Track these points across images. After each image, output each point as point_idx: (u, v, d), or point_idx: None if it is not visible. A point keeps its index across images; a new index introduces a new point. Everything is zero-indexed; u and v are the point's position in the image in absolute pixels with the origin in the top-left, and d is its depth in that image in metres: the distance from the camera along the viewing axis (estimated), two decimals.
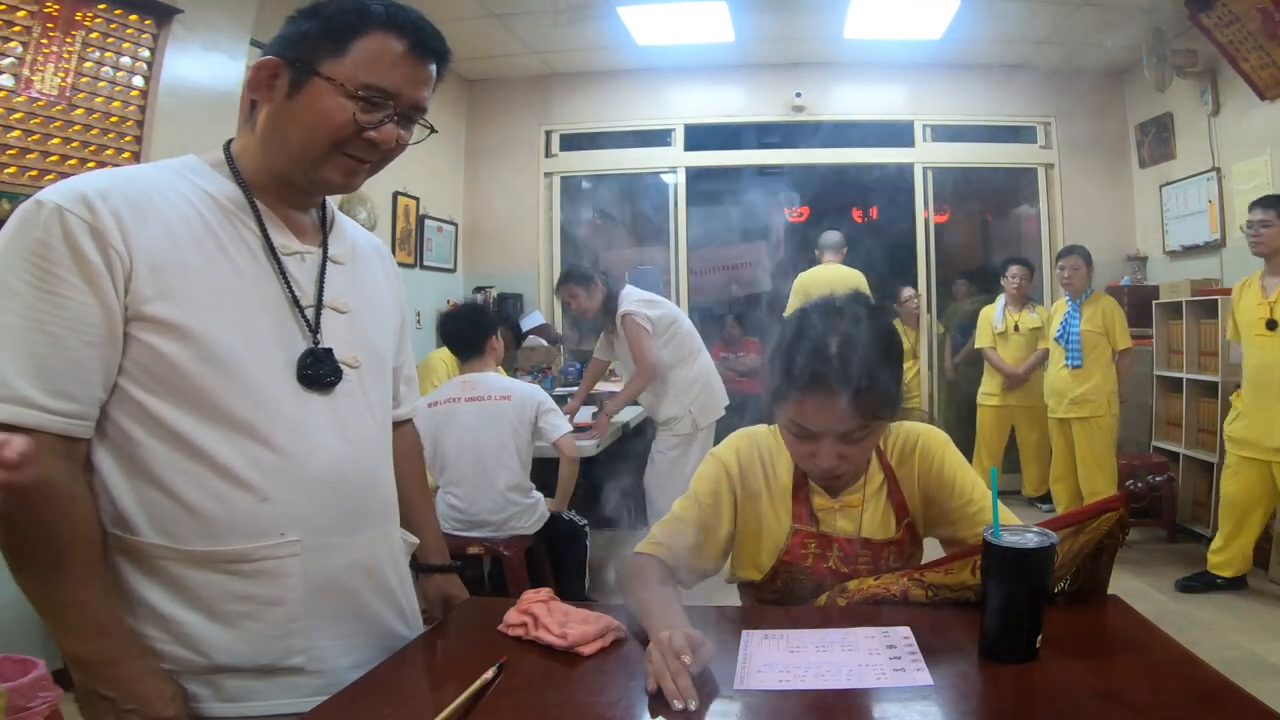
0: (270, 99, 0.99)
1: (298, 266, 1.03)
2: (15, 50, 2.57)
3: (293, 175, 1.01)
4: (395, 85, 0.98)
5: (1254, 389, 3.32)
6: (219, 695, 0.95)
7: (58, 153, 2.70)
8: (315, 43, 0.96)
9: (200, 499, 0.93)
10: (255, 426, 0.95)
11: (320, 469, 0.99)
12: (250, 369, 0.95)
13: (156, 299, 0.91)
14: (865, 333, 1.12)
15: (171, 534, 0.92)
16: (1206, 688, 0.87)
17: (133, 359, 0.92)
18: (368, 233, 1.24)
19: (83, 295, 0.88)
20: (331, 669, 1.01)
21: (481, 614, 1.18)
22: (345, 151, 0.99)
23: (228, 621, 0.94)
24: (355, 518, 1.05)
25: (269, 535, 0.95)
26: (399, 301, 1.23)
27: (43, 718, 1.77)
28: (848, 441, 1.15)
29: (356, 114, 0.96)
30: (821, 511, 1.27)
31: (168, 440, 0.92)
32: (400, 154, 1.04)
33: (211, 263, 0.95)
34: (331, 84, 0.95)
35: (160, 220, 0.93)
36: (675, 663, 0.88)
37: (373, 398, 1.10)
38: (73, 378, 0.88)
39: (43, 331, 0.86)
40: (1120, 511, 1.10)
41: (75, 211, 0.88)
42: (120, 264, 0.89)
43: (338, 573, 1.02)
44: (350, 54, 0.96)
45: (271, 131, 1.00)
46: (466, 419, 2.80)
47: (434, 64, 1.02)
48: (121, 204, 0.91)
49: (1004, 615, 0.95)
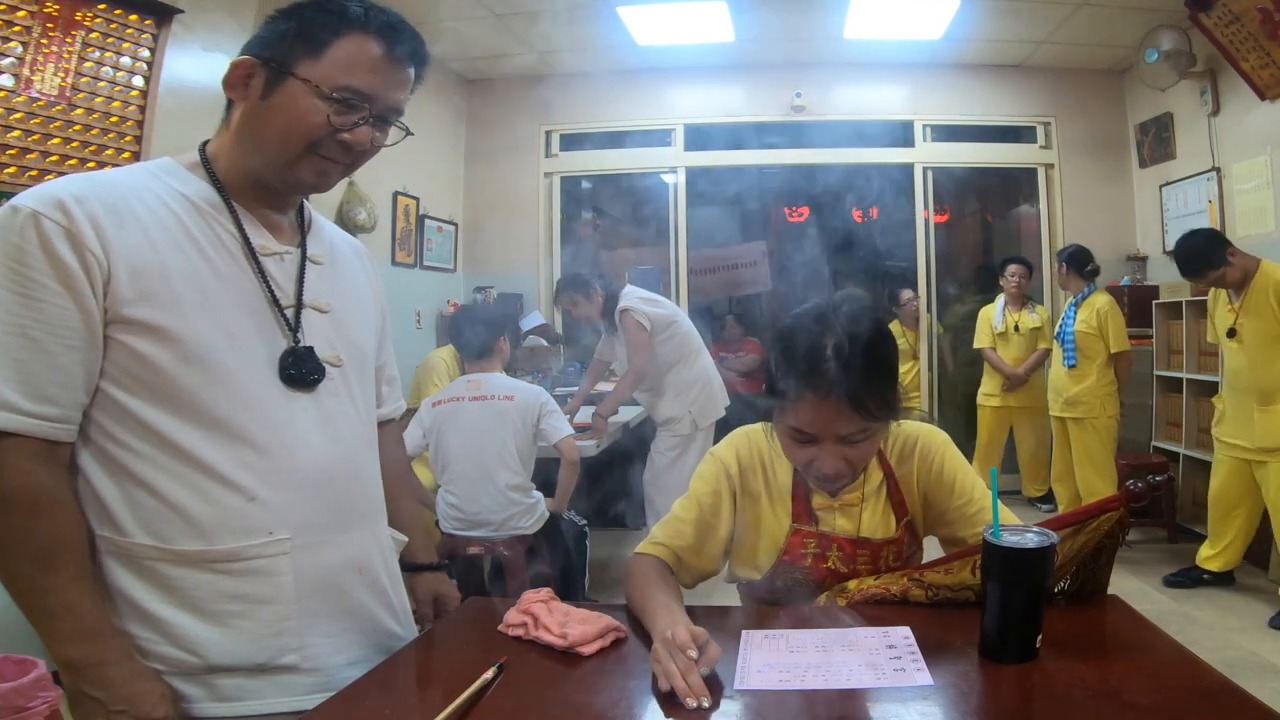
0: (246, 98, 0.99)
1: (277, 267, 1.03)
2: (15, 50, 2.57)
3: (266, 175, 1.01)
4: (371, 88, 0.98)
5: (1230, 391, 3.44)
6: (214, 695, 0.95)
7: (58, 153, 2.70)
8: (292, 43, 0.96)
9: (188, 499, 0.93)
10: (241, 426, 0.95)
11: (307, 467, 1.00)
12: (234, 370, 0.95)
13: (137, 302, 0.91)
14: (864, 332, 1.12)
15: (161, 535, 0.93)
16: (1206, 687, 0.87)
17: (114, 362, 0.92)
18: (346, 234, 1.24)
19: (61, 300, 0.88)
20: (325, 667, 1.01)
21: (481, 614, 1.18)
22: (319, 153, 0.99)
23: (220, 621, 0.94)
24: (344, 516, 1.05)
25: (258, 534, 0.96)
26: (379, 302, 1.24)
27: (43, 718, 1.77)
28: (848, 444, 1.15)
29: (331, 116, 0.96)
30: (821, 511, 1.27)
31: (153, 442, 0.92)
32: (374, 155, 1.04)
33: (191, 265, 0.95)
34: (307, 85, 0.96)
35: (137, 223, 0.93)
36: (684, 660, 0.89)
37: (357, 396, 1.10)
38: (54, 382, 0.88)
39: (23, 336, 0.87)
40: (1120, 511, 1.10)
41: (50, 216, 0.88)
42: (98, 268, 0.89)
43: (329, 571, 1.02)
44: (327, 56, 0.96)
45: (246, 131, 1.00)
46: (470, 418, 2.80)
47: (412, 67, 1.03)
48: (98, 208, 0.91)
49: (1004, 615, 0.95)
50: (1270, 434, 3.19)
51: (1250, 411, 3.27)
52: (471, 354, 3.01)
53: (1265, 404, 3.22)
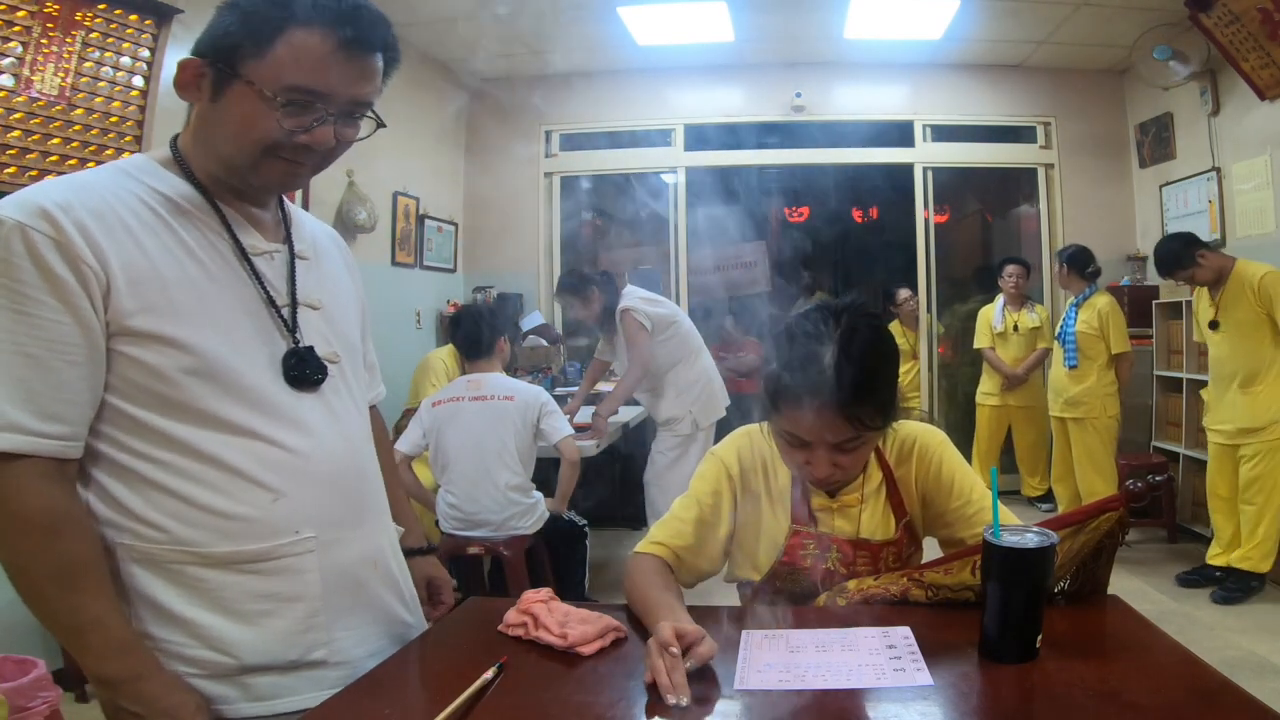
0: (198, 99, 0.94)
1: (268, 266, 1.02)
2: (15, 50, 2.57)
3: (228, 178, 0.97)
4: (326, 85, 0.90)
5: (1214, 380, 3.61)
6: (248, 695, 0.95)
7: (58, 153, 2.70)
8: (236, 41, 0.89)
9: (216, 500, 0.92)
10: (258, 428, 0.95)
11: (325, 465, 1.00)
12: (242, 374, 0.95)
13: (140, 312, 0.89)
14: (859, 341, 1.11)
15: (189, 539, 0.92)
16: (1206, 688, 0.87)
17: (119, 375, 0.90)
18: (321, 222, 1.21)
19: (58, 314, 0.85)
20: (351, 660, 1.02)
21: (481, 614, 1.18)
22: (278, 155, 0.93)
23: (251, 621, 0.94)
24: (359, 510, 1.06)
25: (284, 534, 0.96)
26: (358, 289, 1.22)
27: (43, 718, 1.77)
28: (841, 450, 1.15)
29: (280, 119, 0.90)
30: (820, 512, 1.27)
31: (173, 449, 0.91)
32: (347, 150, 0.99)
33: (185, 271, 0.93)
34: (253, 88, 0.89)
35: (126, 231, 0.89)
36: (668, 657, 0.88)
37: (355, 390, 1.11)
38: (60, 399, 0.86)
39: (23, 355, 0.84)
40: (1120, 511, 1.10)
41: (37, 227, 0.84)
42: (95, 279, 0.86)
43: (349, 565, 1.03)
44: (272, 53, 0.88)
45: (203, 133, 0.96)
46: (470, 418, 2.80)
47: (373, 56, 0.94)
48: (84, 215, 0.87)
49: (1004, 615, 0.95)
50: (1250, 414, 3.35)
51: (1233, 396, 3.43)
52: (472, 354, 3.01)
53: (1246, 387, 3.38)
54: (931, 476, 1.29)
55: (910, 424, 1.33)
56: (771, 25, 4.82)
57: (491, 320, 3.06)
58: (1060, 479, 4.45)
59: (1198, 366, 4.25)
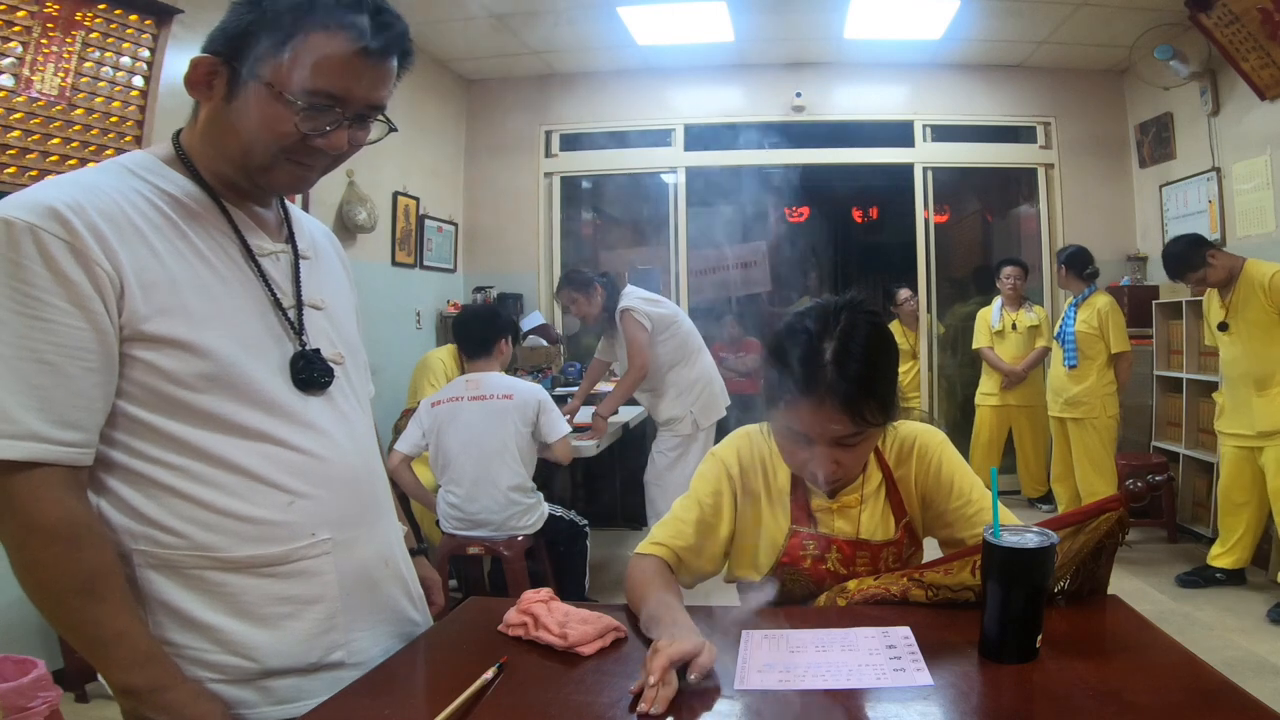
0: (209, 99, 0.92)
1: (274, 266, 1.01)
2: (15, 50, 2.57)
3: (237, 179, 0.97)
4: (344, 89, 0.90)
5: (1227, 383, 3.57)
6: (270, 699, 0.94)
7: (58, 153, 2.70)
8: (255, 41, 0.88)
9: (233, 505, 0.92)
10: (271, 431, 0.95)
11: (338, 467, 1.00)
12: (256, 377, 0.94)
13: (154, 316, 0.88)
14: (860, 337, 1.11)
15: (208, 543, 0.91)
16: (1206, 688, 0.87)
17: (132, 379, 0.88)
18: (314, 219, 1.20)
19: (73, 319, 0.83)
20: (367, 660, 1.03)
21: (481, 614, 1.17)
22: (292, 158, 0.93)
23: (270, 624, 0.94)
24: (370, 511, 1.06)
25: (302, 536, 0.96)
26: (353, 286, 1.22)
27: (43, 718, 1.77)
28: (842, 447, 1.15)
29: (298, 123, 0.89)
30: (820, 512, 1.27)
31: (187, 453, 0.90)
32: (356, 153, 0.98)
33: (195, 273, 0.92)
34: (271, 90, 0.88)
35: (136, 233, 0.88)
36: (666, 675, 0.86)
37: (359, 390, 1.11)
38: (76, 406, 0.84)
39: (38, 361, 0.82)
40: (1120, 511, 1.09)
41: (49, 229, 0.82)
42: (110, 283, 0.85)
43: (364, 566, 1.03)
44: (292, 54, 0.87)
45: (212, 133, 0.94)
46: (470, 418, 2.80)
47: (391, 60, 0.93)
48: (96, 217, 0.85)
49: (1004, 615, 0.95)
50: (1269, 418, 3.30)
51: (1249, 399, 3.38)
52: (473, 354, 3.01)
53: (1262, 389, 3.34)
54: (931, 477, 1.28)
55: (910, 424, 1.33)
56: (771, 25, 4.82)
57: (492, 319, 3.07)
58: (1060, 479, 4.45)
59: (1198, 366, 4.25)
